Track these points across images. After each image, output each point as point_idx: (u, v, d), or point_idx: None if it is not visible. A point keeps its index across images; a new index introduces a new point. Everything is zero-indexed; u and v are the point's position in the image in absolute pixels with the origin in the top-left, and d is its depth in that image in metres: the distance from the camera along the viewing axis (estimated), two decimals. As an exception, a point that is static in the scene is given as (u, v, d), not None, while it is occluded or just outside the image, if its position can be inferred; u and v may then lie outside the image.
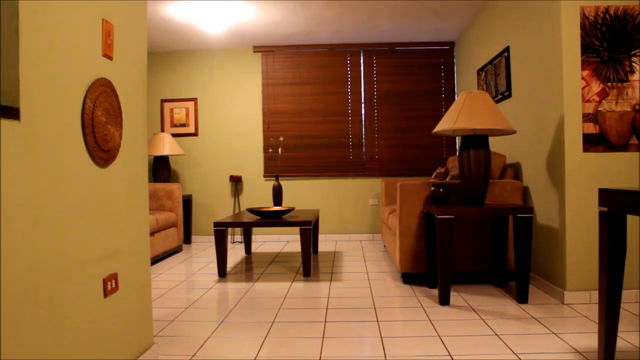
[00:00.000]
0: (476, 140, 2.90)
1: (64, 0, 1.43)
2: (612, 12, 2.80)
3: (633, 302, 2.80)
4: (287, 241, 5.74)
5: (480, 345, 2.18)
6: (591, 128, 2.83)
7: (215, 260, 4.50)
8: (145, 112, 2.05)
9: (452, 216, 2.82)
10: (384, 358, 2.06)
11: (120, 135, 1.77)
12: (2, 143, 1.15)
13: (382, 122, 5.75)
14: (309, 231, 3.63)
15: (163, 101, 5.90)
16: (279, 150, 5.36)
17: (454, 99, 5.73)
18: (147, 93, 2.02)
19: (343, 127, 5.76)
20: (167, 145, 5.36)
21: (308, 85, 5.77)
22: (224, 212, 5.83)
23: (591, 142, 2.83)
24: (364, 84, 5.76)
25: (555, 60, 2.95)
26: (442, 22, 4.99)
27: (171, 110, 5.90)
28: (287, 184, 5.76)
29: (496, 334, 2.32)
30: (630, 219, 2.79)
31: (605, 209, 1.76)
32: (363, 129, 5.76)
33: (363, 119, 5.76)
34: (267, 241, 5.76)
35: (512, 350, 2.10)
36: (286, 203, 5.77)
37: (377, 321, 2.57)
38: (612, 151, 2.83)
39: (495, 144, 4.18)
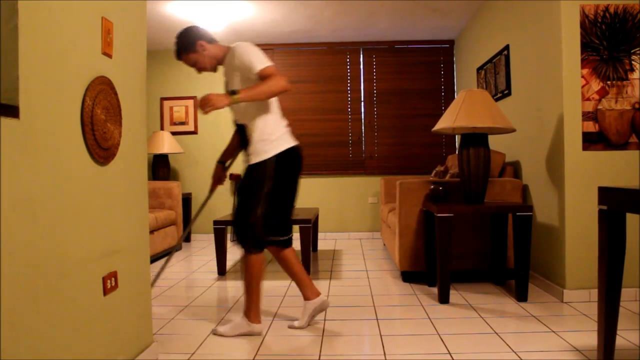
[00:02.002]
0: (476, 139, 2.90)
1: (63, -2, 1.43)
2: (612, 10, 2.79)
3: (632, 300, 2.81)
4: (286, 239, 5.74)
5: (480, 343, 2.19)
6: (591, 126, 2.83)
7: (215, 259, 4.49)
8: (145, 110, 2.04)
9: (452, 214, 2.82)
10: (383, 357, 2.06)
11: (119, 134, 1.76)
12: (2, 141, 1.14)
13: (381, 121, 5.74)
14: (309, 229, 3.63)
15: (162, 99, 5.89)
16: (279, 148, 5.34)
17: (453, 98, 5.72)
18: (147, 91, 2.02)
19: (342, 126, 5.75)
20: (166, 144, 5.35)
21: (307, 83, 5.76)
22: (224, 211, 5.83)
23: (591, 141, 2.83)
24: (364, 82, 5.75)
25: (555, 58, 2.95)
26: (441, 20, 4.98)
27: (171, 108, 5.89)
28: (286, 183, 5.75)
29: (496, 332, 2.32)
30: (630, 218, 2.79)
31: (604, 207, 1.76)
32: (362, 127, 5.75)
33: (362, 117, 5.75)
34: (266, 239, 5.75)
35: (511, 349, 2.10)
36: (286, 201, 5.76)
37: (377, 319, 2.57)
38: (611, 150, 2.83)
39: (495, 143, 4.18)
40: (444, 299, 2.84)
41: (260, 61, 2.20)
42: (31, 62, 1.27)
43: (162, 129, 5.89)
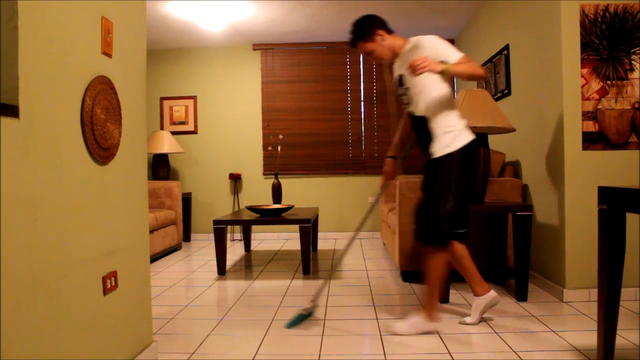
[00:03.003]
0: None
1: (63, -2, 1.43)
2: (611, 10, 2.79)
3: (632, 300, 2.81)
4: (286, 239, 5.74)
5: (480, 343, 2.19)
6: (590, 126, 2.83)
7: (215, 258, 4.48)
8: (145, 109, 2.04)
9: (452, 214, 2.81)
10: (383, 357, 2.06)
11: (119, 133, 1.76)
12: (2, 141, 1.14)
13: (381, 120, 5.73)
14: (309, 229, 3.63)
15: (162, 99, 5.89)
16: (278, 148, 5.35)
17: (453, 97, 5.71)
18: (147, 91, 2.02)
19: (342, 125, 5.75)
20: (166, 143, 5.35)
21: (307, 83, 5.76)
22: (224, 210, 5.83)
23: (590, 140, 2.83)
24: (364, 81, 5.75)
25: (554, 58, 2.94)
26: (441, 20, 4.98)
27: (170, 108, 5.89)
28: (286, 182, 5.75)
29: (495, 332, 2.32)
30: (630, 218, 2.79)
31: (604, 207, 1.76)
32: (362, 127, 5.75)
33: (362, 117, 5.75)
34: (266, 239, 5.76)
35: (511, 349, 2.10)
36: (285, 201, 5.76)
37: (377, 319, 2.57)
38: (611, 149, 2.83)
39: (495, 142, 4.18)
40: (443, 298, 2.84)
41: (455, 51, 2.22)
42: (31, 62, 1.27)
43: (162, 128, 5.89)
